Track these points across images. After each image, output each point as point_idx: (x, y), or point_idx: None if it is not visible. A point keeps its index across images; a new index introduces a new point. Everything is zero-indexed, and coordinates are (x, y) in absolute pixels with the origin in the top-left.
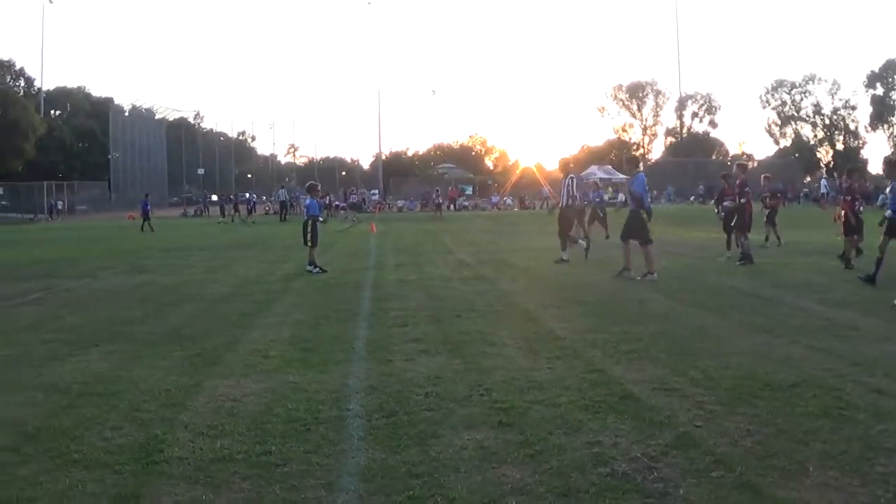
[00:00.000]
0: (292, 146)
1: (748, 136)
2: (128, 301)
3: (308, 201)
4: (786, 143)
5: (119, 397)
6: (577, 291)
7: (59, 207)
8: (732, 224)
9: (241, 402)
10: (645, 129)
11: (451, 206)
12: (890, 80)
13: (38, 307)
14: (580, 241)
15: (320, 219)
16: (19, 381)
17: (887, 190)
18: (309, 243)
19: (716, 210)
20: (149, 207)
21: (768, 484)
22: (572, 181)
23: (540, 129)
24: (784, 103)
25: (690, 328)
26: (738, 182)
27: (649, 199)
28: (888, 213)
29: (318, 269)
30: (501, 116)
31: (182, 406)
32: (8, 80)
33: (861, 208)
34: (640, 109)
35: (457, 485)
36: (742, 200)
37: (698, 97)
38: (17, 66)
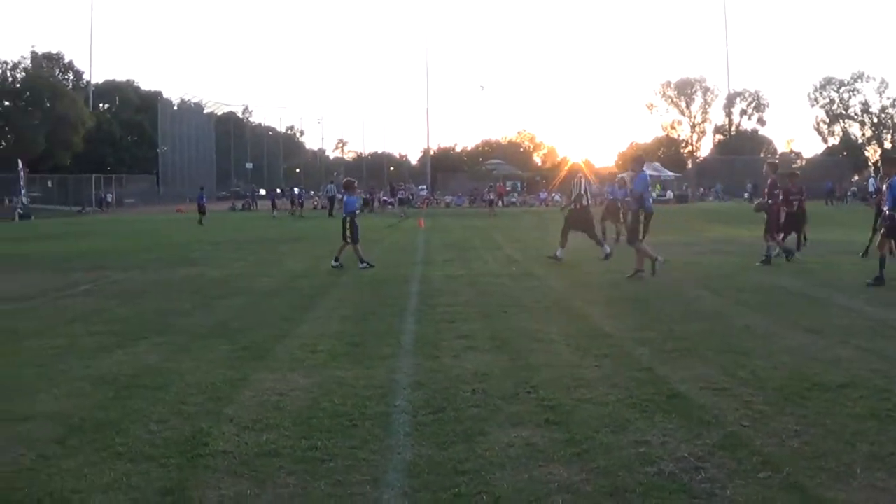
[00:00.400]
0: (341, 141)
1: (796, 133)
2: (176, 294)
3: (346, 198)
4: (834, 141)
5: (166, 390)
6: (625, 289)
7: (109, 200)
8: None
9: (287, 396)
10: (693, 126)
11: (500, 203)
12: None
13: (87, 299)
14: (606, 245)
15: (357, 211)
16: (67, 373)
17: (884, 187)
18: (349, 240)
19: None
20: (204, 201)
21: (816, 485)
22: (580, 181)
23: (589, 125)
24: (832, 101)
25: (738, 327)
26: (768, 182)
27: (651, 200)
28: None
29: (365, 264)
30: (550, 112)
31: (228, 400)
32: (57, 73)
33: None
34: (688, 106)
35: (503, 482)
36: (770, 201)
37: (747, 94)
38: (66, 60)
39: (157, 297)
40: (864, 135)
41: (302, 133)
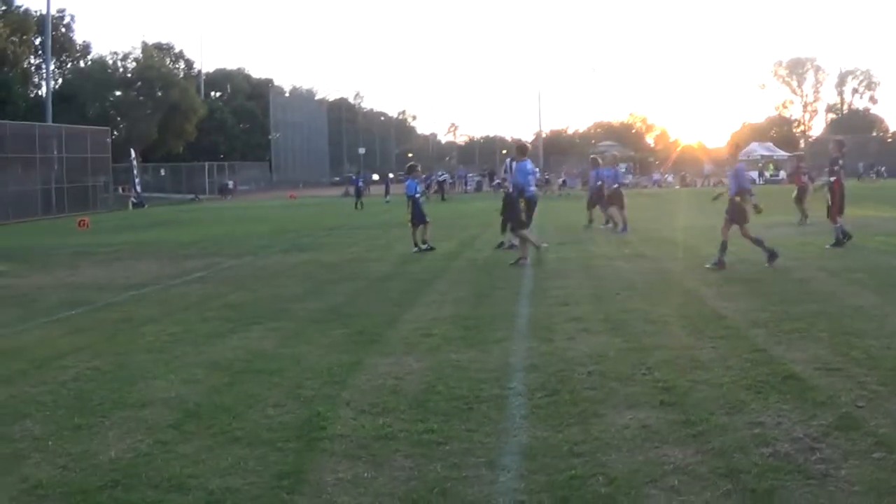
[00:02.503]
0: (453, 125)
1: None
2: (289, 279)
3: (407, 182)
4: None
5: (281, 375)
6: (739, 270)
7: (230, 187)
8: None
9: (402, 379)
10: (805, 105)
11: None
12: None
13: (201, 285)
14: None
15: (418, 195)
16: (181, 359)
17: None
18: (410, 223)
19: None
20: (361, 184)
21: None
22: (511, 164)
23: (700, 105)
24: None
25: (852, 307)
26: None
27: (533, 187)
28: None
29: (417, 248)
30: (662, 94)
31: (344, 384)
32: (168, 62)
33: None
34: (800, 86)
35: (618, 464)
36: (832, 179)
37: (858, 73)
38: (177, 49)
39: (270, 283)
40: None
41: (414, 118)
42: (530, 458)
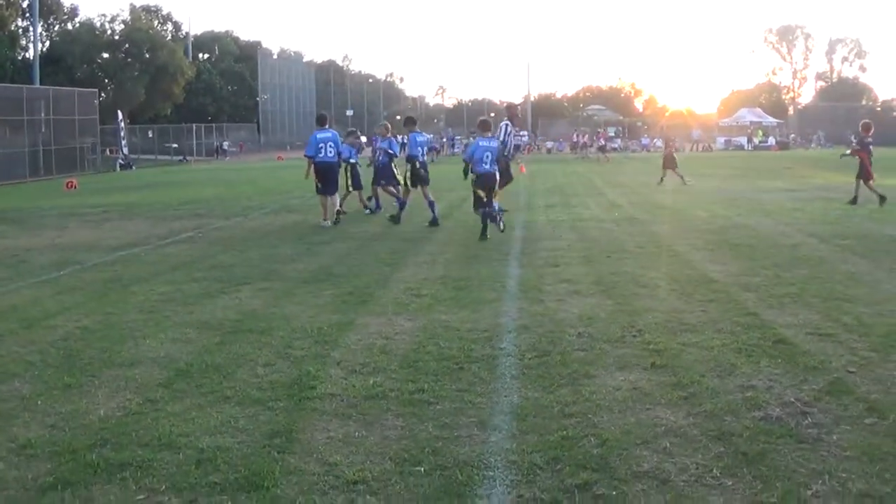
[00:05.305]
0: (441, 87)
1: None
2: (279, 240)
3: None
4: None
5: (271, 334)
6: (730, 234)
7: (225, 148)
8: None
9: (393, 339)
10: (794, 72)
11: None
12: None
13: (190, 246)
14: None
15: (352, 160)
16: (171, 319)
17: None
18: (350, 188)
19: None
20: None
21: None
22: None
23: (689, 71)
24: None
25: (843, 273)
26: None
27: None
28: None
29: (368, 210)
30: (651, 58)
31: (334, 343)
32: (155, 24)
33: None
34: (789, 52)
35: (610, 425)
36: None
37: (848, 41)
38: (165, 12)
39: (259, 244)
40: None
41: (402, 80)
42: (521, 419)
